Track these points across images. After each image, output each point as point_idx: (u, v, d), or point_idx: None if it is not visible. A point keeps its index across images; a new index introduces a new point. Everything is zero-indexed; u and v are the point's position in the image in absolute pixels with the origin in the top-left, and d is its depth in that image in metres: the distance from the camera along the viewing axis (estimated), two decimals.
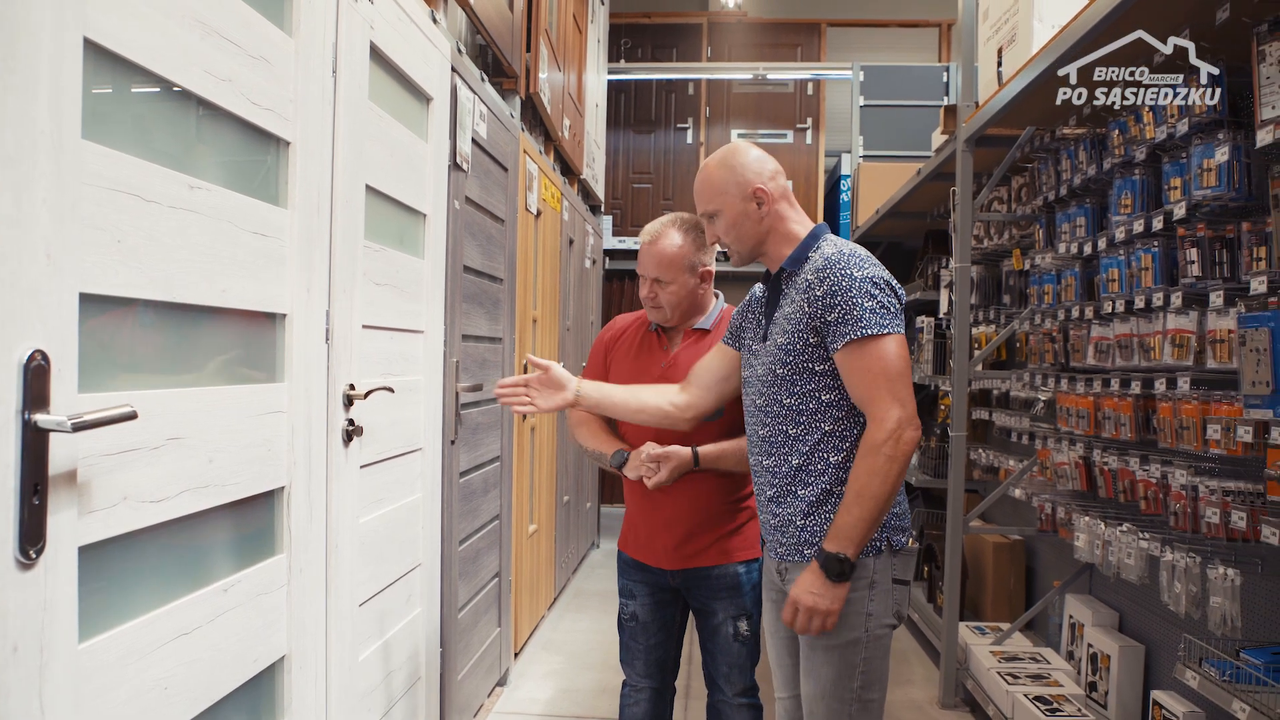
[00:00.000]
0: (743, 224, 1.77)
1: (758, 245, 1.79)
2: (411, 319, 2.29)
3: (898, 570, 1.70)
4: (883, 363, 1.61)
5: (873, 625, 1.67)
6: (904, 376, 1.62)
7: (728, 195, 1.76)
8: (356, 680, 1.97)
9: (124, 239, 1.16)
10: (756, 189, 1.75)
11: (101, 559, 1.16)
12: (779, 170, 1.81)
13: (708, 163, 1.81)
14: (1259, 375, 1.92)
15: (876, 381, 1.61)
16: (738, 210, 1.76)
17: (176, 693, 1.31)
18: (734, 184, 1.76)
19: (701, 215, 1.83)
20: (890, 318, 1.63)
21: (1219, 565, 2.13)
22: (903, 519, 1.74)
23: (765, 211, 1.76)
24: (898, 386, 1.61)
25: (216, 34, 1.35)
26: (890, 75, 6.15)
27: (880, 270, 1.68)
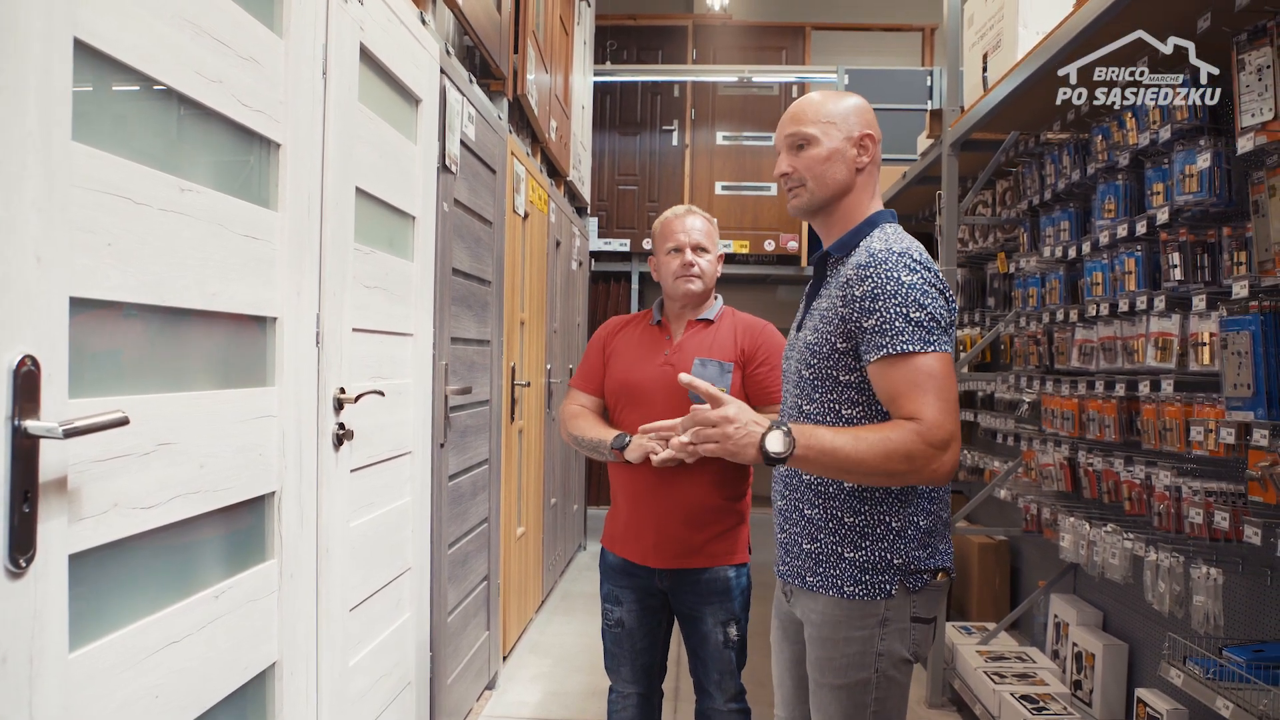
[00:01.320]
0: (835, 163, 1.56)
1: (834, 196, 1.58)
2: (401, 322, 2.28)
3: (918, 608, 1.53)
4: (929, 373, 1.41)
5: (884, 665, 1.51)
6: (947, 392, 1.41)
7: (835, 126, 1.56)
8: (347, 685, 1.96)
9: (114, 242, 1.15)
10: (867, 135, 1.57)
11: (92, 566, 1.15)
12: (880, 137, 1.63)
13: (816, 92, 1.63)
14: (1240, 378, 1.95)
15: (924, 388, 1.40)
16: (837, 147, 1.56)
17: (168, 701, 1.29)
18: (845, 120, 1.56)
19: (786, 138, 1.59)
20: (938, 334, 1.43)
21: (1202, 565, 2.16)
22: (929, 560, 1.53)
23: (862, 166, 1.57)
24: (951, 406, 1.41)
25: (207, 35, 1.34)
26: (874, 78, 6.19)
27: (934, 275, 1.48)
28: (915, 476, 1.40)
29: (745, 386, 2.06)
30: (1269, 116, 1.90)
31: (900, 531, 1.51)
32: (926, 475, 1.40)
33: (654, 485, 2.04)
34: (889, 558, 1.50)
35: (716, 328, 2.11)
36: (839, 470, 1.42)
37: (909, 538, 1.51)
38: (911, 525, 1.51)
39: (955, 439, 1.40)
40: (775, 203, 7.09)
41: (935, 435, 1.38)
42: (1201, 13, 2.02)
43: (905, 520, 1.51)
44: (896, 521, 1.51)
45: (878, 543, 1.51)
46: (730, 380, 2.04)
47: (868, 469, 1.40)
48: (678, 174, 7.16)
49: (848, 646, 1.52)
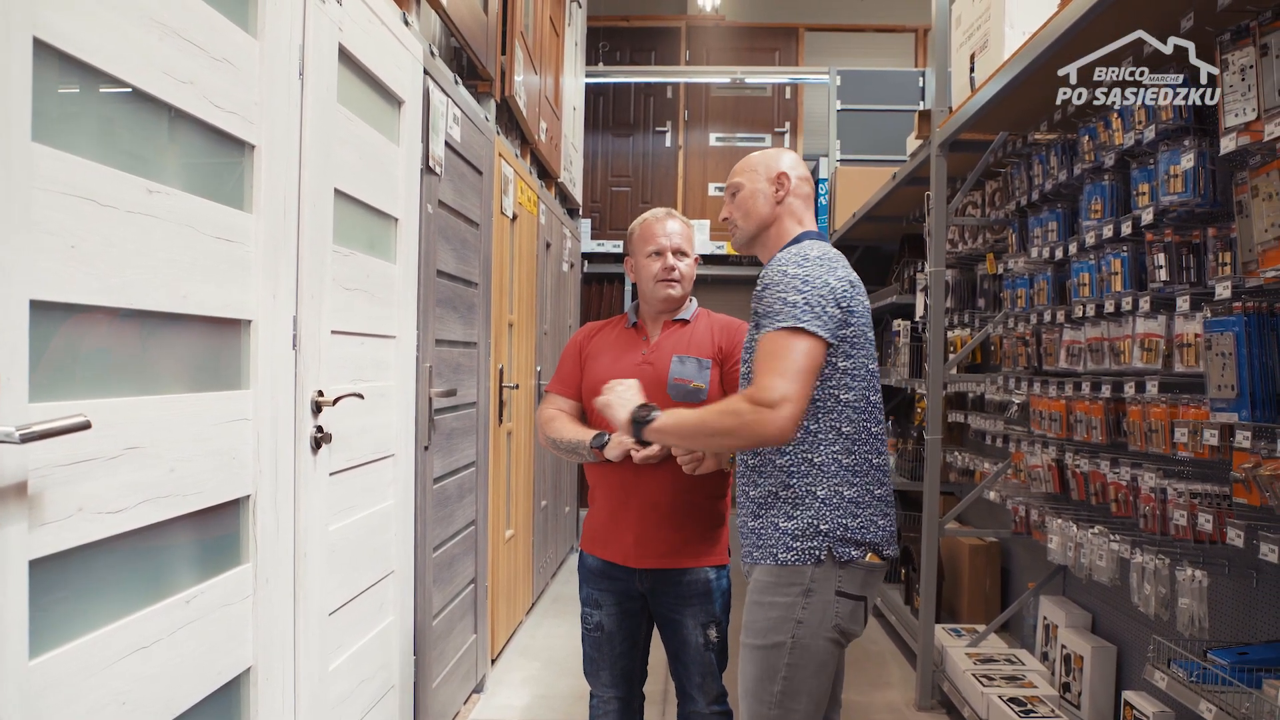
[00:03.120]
0: (755, 200, 1.84)
1: (761, 228, 1.84)
2: (383, 324, 2.27)
3: (845, 584, 1.66)
4: (788, 351, 1.58)
5: (802, 634, 1.63)
6: (804, 373, 1.57)
7: (755, 172, 1.85)
8: (327, 689, 1.95)
9: (78, 244, 1.14)
10: (781, 173, 1.83)
11: (56, 572, 1.14)
12: (809, 179, 1.89)
13: (752, 153, 1.93)
14: (1224, 379, 1.94)
15: (774, 361, 1.57)
16: (756, 187, 1.83)
17: (136, 707, 1.28)
18: (763, 164, 1.85)
19: (725, 190, 1.91)
20: (809, 315, 1.59)
21: (1187, 567, 2.15)
22: (859, 531, 1.68)
23: (779, 198, 1.82)
24: (791, 374, 1.56)
25: (177, 35, 1.33)
26: (867, 80, 6.18)
27: (825, 269, 1.66)
28: (746, 431, 1.56)
29: (724, 383, 2.06)
30: (1252, 116, 1.89)
31: (826, 499, 1.66)
32: (755, 431, 1.55)
33: (634, 483, 2.03)
34: (816, 524, 1.65)
35: (693, 327, 2.11)
36: (686, 432, 1.69)
37: (833, 505, 1.66)
38: (836, 495, 1.67)
39: (787, 401, 1.54)
40: None
41: (761, 395, 1.55)
42: (1185, 12, 2.02)
43: (830, 490, 1.67)
44: (823, 490, 1.66)
45: (806, 510, 1.67)
46: (709, 376, 2.04)
47: (708, 429, 1.63)
48: (671, 175, 7.15)
49: (771, 610, 1.65)
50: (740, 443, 1.61)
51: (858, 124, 6.24)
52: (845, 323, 1.66)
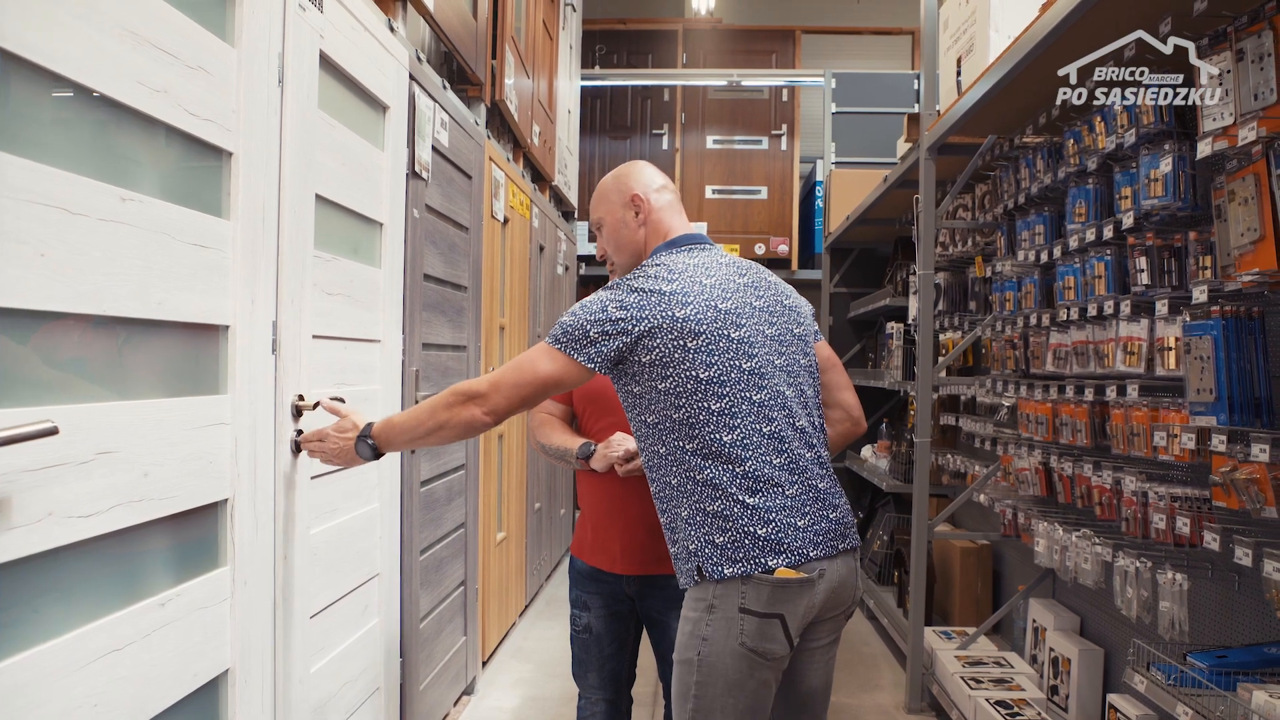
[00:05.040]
0: (620, 232, 1.78)
1: (636, 256, 1.79)
2: (368, 328, 2.28)
3: (748, 600, 1.55)
4: (526, 359, 1.61)
5: (707, 651, 1.56)
6: (524, 378, 1.59)
7: (609, 201, 1.79)
8: (309, 692, 1.96)
9: (47, 252, 1.15)
10: (634, 195, 1.76)
11: (25, 575, 1.15)
12: (668, 185, 1.81)
13: (604, 178, 1.85)
14: (1203, 383, 1.94)
15: (511, 363, 1.62)
16: (616, 217, 1.78)
17: (108, 709, 1.29)
18: (615, 191, 1.78)
19: (594, 226, 1.85)
20: (568, 339, 1.59)
21: (1168, 570, 2.15)
22: (731, 546, 1.56)
23: (642, 220, 1.76)
24: (508, 376, 1.59)
25: (149, 44, 1.34)
26: (862, 82, 6.19)
27: (623, 291, 1.61)
28: (453, 429, 1.61)
29: None
30: (1229, 121, 1.89)
31: (690, 519, 1.60)
32: (460, 420, 1.60)
33: (619, 494, 2.05)
34: (686, 545, 1.61)
35: None
36: (412, 436, 1.67)
37: (697, 524, 1.59)
38: (700, 513, 1.59)
39: (488, 397, 1.59)
40: (765, 206, 7.09)
41: (468, 387, 1.60)
42: (1162, 16, 2.02)
43: (692, 509, 1.60)
44: (685, 510, 1.61)
45: (677, 533, 1.63)
46: None
47: (426, 426, 1.63)
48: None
49: (684, 625, 1.62)
50: (452, 432, 1.62)
51: (854, 126, 6.25)
52: (644, 346, 1.58)
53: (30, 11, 1.12)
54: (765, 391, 1.62)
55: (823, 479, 1.66)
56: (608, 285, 1.65)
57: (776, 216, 7.07)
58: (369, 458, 1.73)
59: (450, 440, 1.66)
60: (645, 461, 1.68)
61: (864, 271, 6.07)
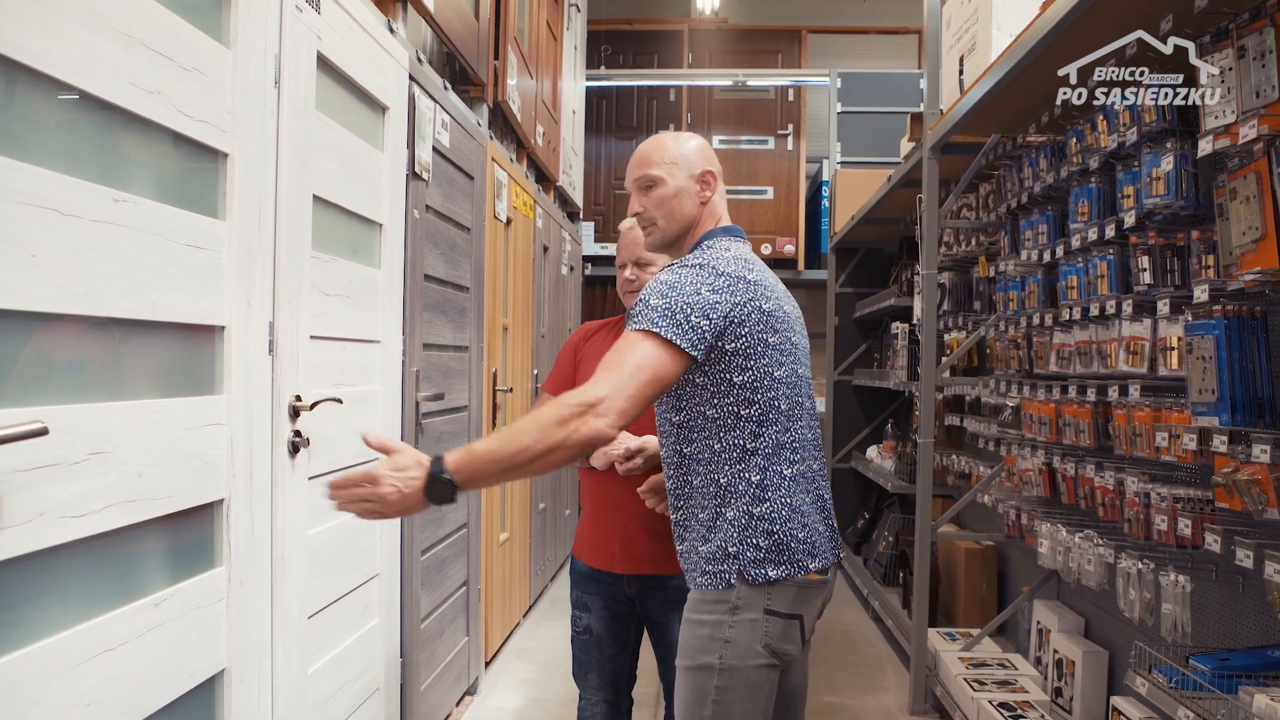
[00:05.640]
0: (681, 200, 1.67)
1: (684, 230, 1.69)
2: (367, 329, 2.29)
3: (774, 601, 1.54)
4: (630, 353, 1.44)
5: (730, 655, 1.53)
6: (639, 374, 1.42)
7: (675, 166, 1.67)
8: (307, 691, 1.96)
9: (39, 253, 1.16)
10: (709, 172, 1.69)
11: (18, 575, 1.16)
12: (721, 174, 1.75)
13: (660, 135, 1.73)
14: (1205, 383, 1.93)
15: (612, 361, 1.45)
16: (680, 184, 1.67)
17: (102, 709, 1.30)
18: (685, 159, 1.68)
19: (635, 181, 1.70)
20: (667, 320, 1.46)
21: (1171, 572, 2.14)
22: (774, 550, 1.55)
23: (705, 198, 1.68)
24: (626, 374, 1.42)
25: (143, 46, 1.35)
26: (868, 81, 6.17)
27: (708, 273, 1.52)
28: (576, 439, 1.38)
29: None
30: (1231, 119, 1.88)
31: (734, 521, 1.55)
32: (581, 437, 1.38)
33: (619, 492, 2.04)
34: (725, 547, 1.55)
35: None
36: (509, 465, 1.38)
37: (742, 526, 1.54)
38: (746, 515, 1.54)
39: (606, 400, 1.39)
40: (772, 206, 7.08)
41: (582, 396, 1.40)
42: (1163, 14, 2.01)
43: (739, 510, 1.55)
44: (731, 512, 1.55)
45: (717, 533, 1.56)
46: None
47: (533, 450, 1.38)
48: None
49: (699, 629, 1.55)
50: (567, 453, 1.39)
51: (859, 126, 6.23)
52: (733, 334, 1.52)
53: (22, 14, 1.13)
54: (810, 401, 1.66)
55: (827, 485, 1.70)
56: (681, 263, 1.57)
57: (783, 217, 7.06)
58: (445, 501, 1.40)
59: (559, 465, 1.42)
60: (682, 458, 1.60)
61: (869, 272, 6.05)
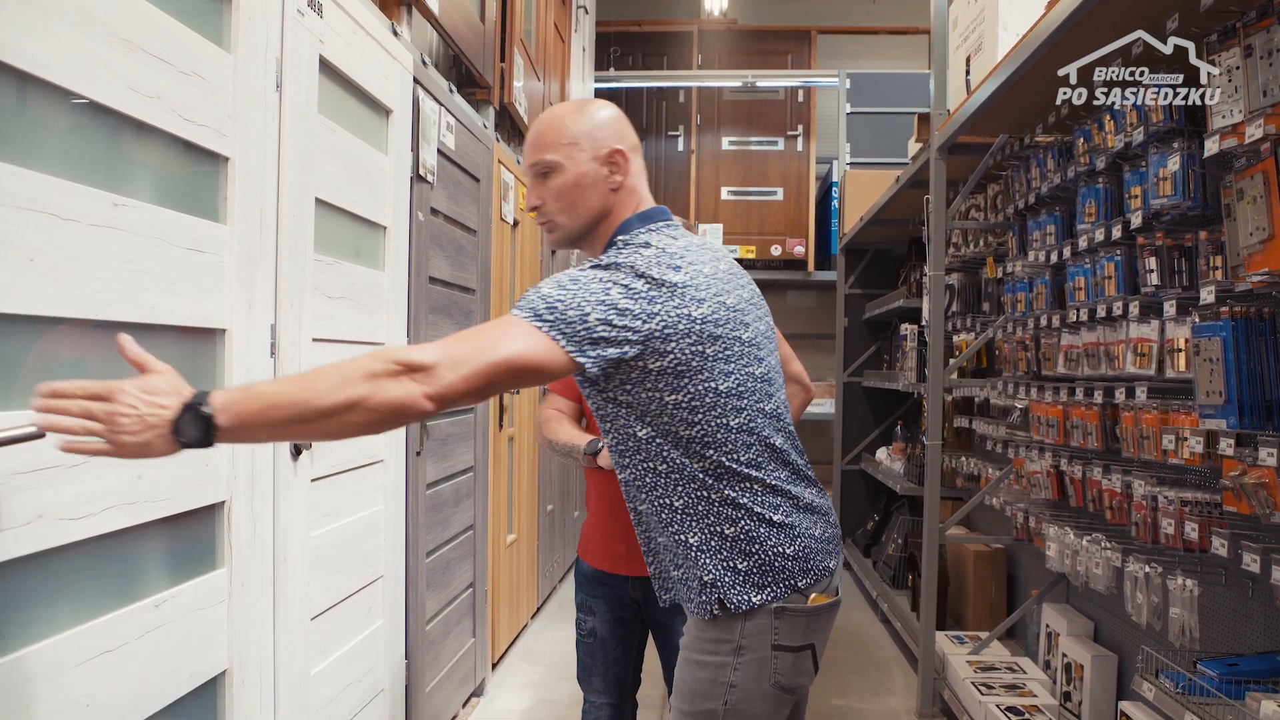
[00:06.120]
0: (586, 191, 1.38)
1: (592, 224, 1.41)
2: (371, 332, 2.29)
3: (781, 635, 1.36)
4: (491, 329, 1.22)
5: (735, 699, 1.36)
6: (489, 356, 1.17)
7: (578, 147, 1.38)
8: (310, 693, 1.97)
9: (37, 257, 1.17)
10: (615, 150, 1.39)
11: (15, 576, 1.16)
12: (638, 146, 1.45)
13: (556, 107, 1.44)
14: (1212, 385, 1.91)
15: (465, 332, 1.22)
16: (582, 170, 1.37)
17: (101, 709, 1.30)
18: (588, 137, 1.38)
19: (528, 168, 1.43)
20: (554, 316, 1.22)
21: (1178, 576, 2.11)
22: (758, 572, 1.36)
23: (617, 184, 1.39)
24: (469, 350, 1.17)
25: (142, 50, 1.35)
26: (877, 82, 6.15)
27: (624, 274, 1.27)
28: (379, 399, 1.10)
29: None
30: (1239, 118, 1.86)
31: (702, 546, 1.36)
32: (387, 399, 1.11)
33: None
34: (699, 575, 1.37)
35: None
36: (291, 415, 1.09)
37: (713, 550, 1.36)
38: (715, 536, 1.36)
39: (438, 374, 1.13)
40: (782, 207, 7.06)
41: (409, 356, 1.13)
42: (1170, 13, 1.99)
43: (705, 534, 1.36)
44: (695, 537, 1.36)
45: (685, 560, 1.38)
46: None
47: (325, 402, 1.09)
48: (684, 180, 7.15)
49: (700, 670, 1.39)
50: (366, 416, 1.11)
51: (870, 126, 6.21)
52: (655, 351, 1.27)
53: (20, 19, 1.13)
54: (773, 400, 1.42)
55: (814, 485, 1.49)
56: (594, 263, 1.31)
57: (793, 218, 7.04)
58: (197, 443, 1.08)
59: (354, 430, 1.13)
60: (629, 479, 1.41)
61: (879, 273, 6.03)
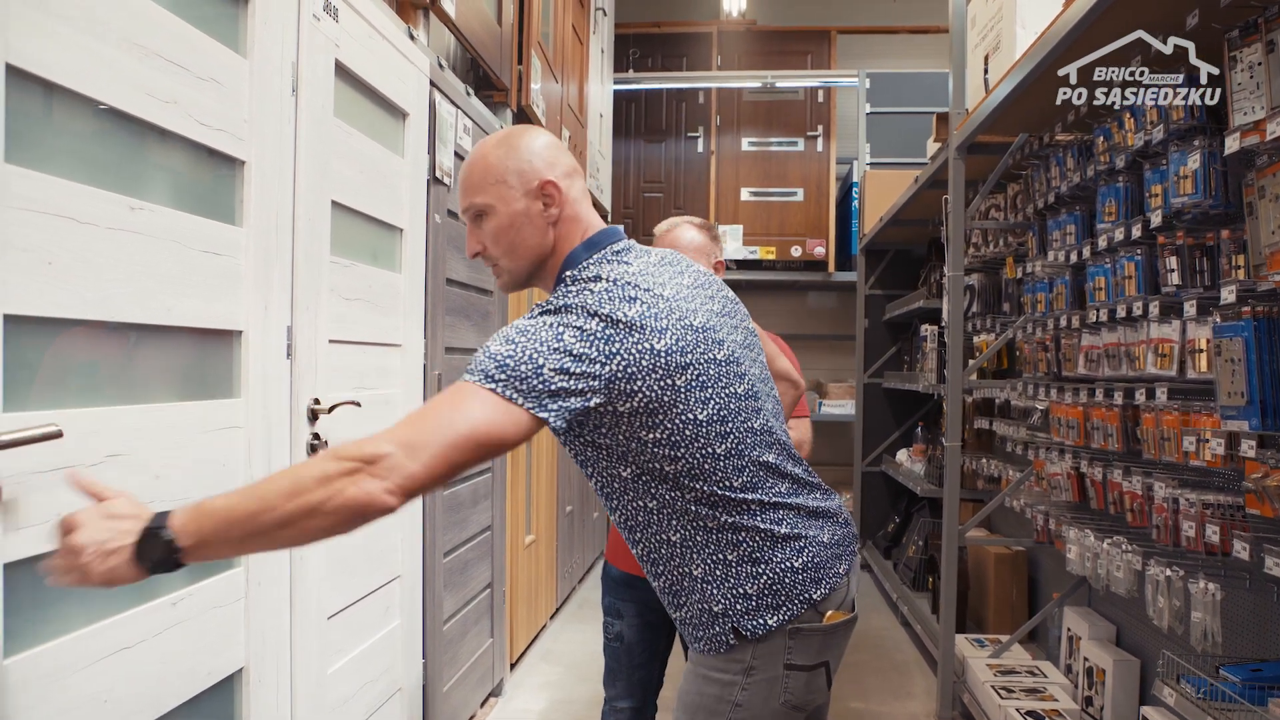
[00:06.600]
0: (521, 230, 1.32)
1: (537, 263, 1.34)
2: (387, 333, 2.31)
3: (795, 654, 1.31)
4: (447, 405, 1.12)
5: (741, 718, 1.31)
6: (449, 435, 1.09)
7: (506, 185, 1.31)
8: (326, 691, 1.99)
9: (54, 260, 1.19)
10: (545, 182, 1.32)
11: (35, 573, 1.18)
12: (576, 169, 1.38)
13: (483, 142, 1.36)
14: (1234, 385, 1.88)
15: (419, 411, 1.13)
16: (515, 209, 1.31)
17: (118, 705, 1.32)
18: (516, 173, 1.32)
19: (464, 213, 1.36)
20: (507, 376, 1.13)
21: (1201, 580, 2.08)
22: (769, 593, 1.30)
23: (554, 217, 1.33)
24: (427, 432, 1.09)
25: (157, 56, 1.38)
26: (897, 82, 6.12)
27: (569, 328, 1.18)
28: (337, 503, 1.03)
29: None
30: (1261, 115, 1.83)
31: (706, 576, 1.31)
32: (345, 502, 1.04)
33: None
34: (708, 605, 1.31)
35: None
36: (250, 530, 1.04)
37: (718, 579, 1.31)
38: (719, 563, 1.30)
39: (396, 465, 1.05)
40: (802, 208, 7.04)
41: (359, 450, 1.05)
42: (1189, 9, 1.96)
43: (707, 564, 1.31)
44: (698, 568, 1.31)
45: (689, 594, 1.33)
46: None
47: (281, 513, 1.03)
48: (703, 181, 7.14)
49: (706, 685, 1.33)
50: (327, 521, 1.04)
51: (890, 126, 6.18)
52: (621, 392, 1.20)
53: (36, 28, 1.16)
54: (761, 415, 1.34)
55: (818, 488, 1.43)
56: (544, 307, 1.22)
57: (813, 219, 7.01)
58: (163, 568, 1.06)
59: (320, 536, 1.07)
60: (621, 520, 1.35)
61: (899, 273, 6.00)
